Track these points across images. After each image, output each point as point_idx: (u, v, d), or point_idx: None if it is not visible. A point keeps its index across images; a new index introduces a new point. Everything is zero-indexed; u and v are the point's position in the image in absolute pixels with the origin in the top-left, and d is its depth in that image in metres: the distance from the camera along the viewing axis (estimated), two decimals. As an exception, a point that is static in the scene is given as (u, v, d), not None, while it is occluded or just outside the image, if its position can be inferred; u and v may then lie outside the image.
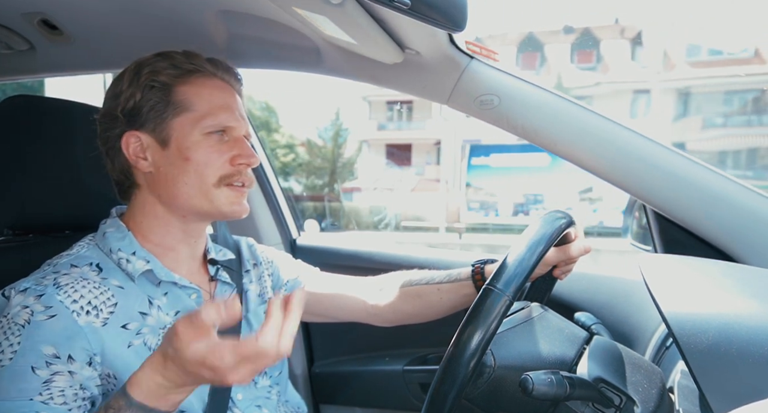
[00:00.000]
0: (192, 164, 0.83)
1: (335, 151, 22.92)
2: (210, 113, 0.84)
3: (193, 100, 0.84)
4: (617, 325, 1.14)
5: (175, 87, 0.84)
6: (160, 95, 0.83)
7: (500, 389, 0.71)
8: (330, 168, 22.77)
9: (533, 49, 20.76)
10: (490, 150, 16.55)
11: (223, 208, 0.85)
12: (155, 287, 0.84)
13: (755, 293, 0.60)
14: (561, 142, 0.96)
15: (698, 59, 19.20)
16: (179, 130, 0.83)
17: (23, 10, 1.04)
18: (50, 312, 0.72)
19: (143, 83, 0.83)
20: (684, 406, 0.64)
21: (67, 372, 0.71)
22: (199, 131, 0.83)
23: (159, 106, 0.83)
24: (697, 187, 0.90)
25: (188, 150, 0.83)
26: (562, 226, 0.77)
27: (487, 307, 0.65)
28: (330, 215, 15.93)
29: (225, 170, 0.84)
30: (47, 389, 0.69)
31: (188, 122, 0.83)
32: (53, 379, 0.70)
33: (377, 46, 0.88)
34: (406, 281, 1.06)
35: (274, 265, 1.09)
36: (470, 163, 16.17)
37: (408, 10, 0.62)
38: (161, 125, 0.83)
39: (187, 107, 0.84)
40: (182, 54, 0.87)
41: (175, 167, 0.83)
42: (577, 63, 20.66)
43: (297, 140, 23.15)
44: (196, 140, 0.83)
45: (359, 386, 1.49)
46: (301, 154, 22.55)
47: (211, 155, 0.83)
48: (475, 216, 15.90)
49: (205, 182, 0.83)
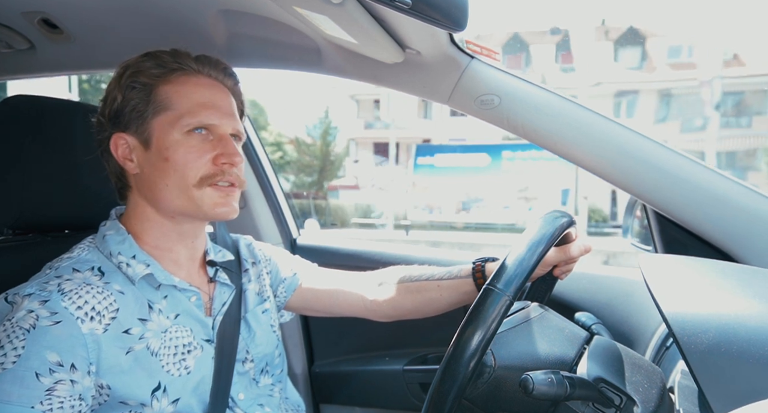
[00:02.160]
0: (171, 164, 0.81)
1: (323, 149, 23.19)
2: (190, 111, 0.82)
3: (173, 98, 0.82)
4: (617, 325, 1.14)
5: (156, 87, 0.83)
6: (141, 96, 0.82)
7: (500, 389, 0.71)
8: (319, 166, 23.04)
9: (519, 50, 21.09)
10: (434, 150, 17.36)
11: (207, 209, 0.83)
12: (155, 290, 0.83)
13: (755, 293, 0.60)
14: (561, 142, 0.96)
15: (679, 61, 19.46)
16: (159, 129, 0.82)
17: (23, 9, 1.04)
18: (55, 318, 0.71)
19: (124, 84, 0.83)
20: (684, 406, 0.64)
21: (69, 381, 0.70)
22: (179, 130, 0.81)
23: (140, 106, 0.82)
24: (698, 187, 0.90)
25: (167, 150, 0.81)
26: (563, 225, 0.77)
27: (488, 307, 0.65)
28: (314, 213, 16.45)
29: (206, 170, 0.82)
30: (48, 398, 0.68)
31: (168, 121, 0.82)
32: (55, 388, 0.69)
33: (378, 46, 0.88)
34: (406, 277, 1.05)
35: (273, 262, 1.09)
36: (416, 162, 16.77)
37: (409, 9, 0.62)
38: (143, 126, 0.82)
39: (167, 106, 0.82)
40: (169, 53, 0.85)
41: (156, 169, 0.82)
42: (561, 63, 21.09)
43: (285, 137, 23.35)
44: (175, 140, 0.81)
45: (359, 386, 1.49)
46: (289, 151, 22.76)
47: (190, 154, 0.81)
48: (420, 214, 16.52)
49: (185, 183, 0.81)
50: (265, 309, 1.01)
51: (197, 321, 0.86)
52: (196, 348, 0.84)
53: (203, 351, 0.85)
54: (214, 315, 0.90)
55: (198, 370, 0.83)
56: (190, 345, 0.84)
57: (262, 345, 0.97)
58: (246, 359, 0.93)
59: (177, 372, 0.81)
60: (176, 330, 0.83)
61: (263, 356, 0.97)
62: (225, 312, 0.91)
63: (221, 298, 0.92)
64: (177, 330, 0.83)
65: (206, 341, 0.86)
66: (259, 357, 0.95)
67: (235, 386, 0.89)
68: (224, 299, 0.92)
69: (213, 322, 0.88)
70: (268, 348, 0.98)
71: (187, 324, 0.85)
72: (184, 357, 0.82)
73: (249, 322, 0.96)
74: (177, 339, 0.82)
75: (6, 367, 0.68)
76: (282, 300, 1.09)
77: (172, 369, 0.80)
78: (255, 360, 0.95)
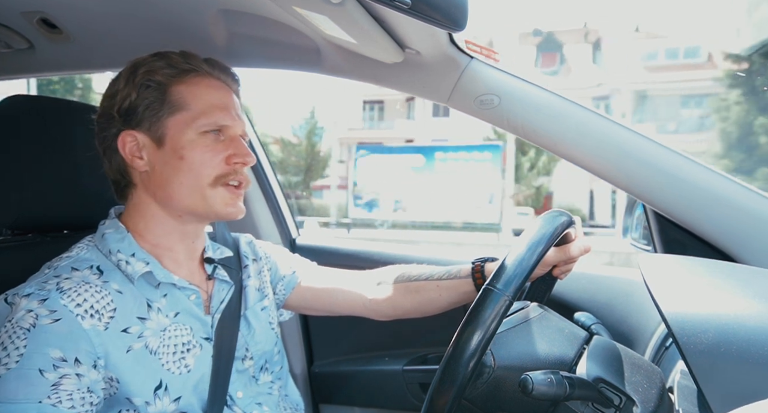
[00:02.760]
0: (187, 163, 0.83)
1: (309, 149, 23.56)
2: (205, 112, 0.84)
3: (188, 99, 0.84)
4: (617, 325, 1.14)
5: (170, 86, 0.84)
6: (156, 94, 0.83)
7: (500, 389, 0.71)
8: (305, 166, 23.37)
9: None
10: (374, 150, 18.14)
11: (218, 209, 0.85)
12: (154, 289, 0.84)
13: (755, 294, 0.60)
14: (561, 142, 0.96)
15: (655, 64, 19.64)
16: (174, 129, 0.83)
17: (23, 9, 1.04)
18: (54, 315, 0.72)
19: (139, 83, 0.83)
20: (684, 406, 0.64)
21: (75, 374, 0.71)
22: (194, 130, 0.83)
23: (155, 105, 0.83)
24: (697, 187, 0.90)
25: (183, 149, 0.83)
26: (563, 224, 0.77)
27: (487, 307, 0.65)
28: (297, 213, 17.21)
29: (220, 170, 0.84)
30: (55, 392, 0.69)
31: (183, 121, 0.83)
32: (61, 382, 0.69)
33: (377, 46, 0.88)
34: (405, 277, 1.06)
35: (273, 259, 1.10)
36: (356, 162, 17.49)
37: (408, 9, 0.62)
38: (156, 124, 0.83)
39: (182, 106, 0.83)
40: (179, 54, 0.87)
41: (170, 167, 0.83)
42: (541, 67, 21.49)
43: (270, 137, 23.56)
44: (191, 140, 0.83)
45: (359, 386, 1.49)
46: (274, 151, 23.03)
47: (206, 154, 0.83)
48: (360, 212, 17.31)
49: (200, 182, 0.83)
50: (264, 306, 1.01)
51: (197, 320, 0.86)
52: (196, 346, 0.84)
53: (202, 350, 0.85)
54: (212, 312, 0.90)
55: (198, 368, 0.84)
56: (189, 343, 0.84)
57: (262, 342, 0.97)
58: (245, 356, 0.93)
59: (177, 370, 0.81)
60: (175, 328, 0.83)
61: (263, 353, 0.97)
62: (223, 309, 0.91)
63: (219, 295, 0.92)
64: (176, 329, 0.83)
65: (205, 339, 0.86)
66: (258, 354, 0.96)
67: (234, 384, 0.89)
68: (222, 296, 0.92)
69: (212, 320, 0.89)
70: (267, 345, 0.98)
71: (186, 323, 0.85)
72: (183, 355, 0.83)
73: (249, 319, 0.96)
74: (176, 337, 0.83)
75: (10, 367, 0.69)
76: (281, 298, 1.10)
77: (172, 368, 0.81)
78: (254, 357, 0.95)
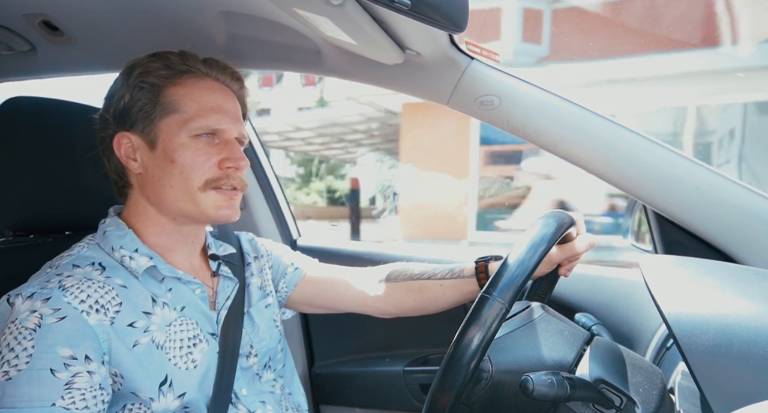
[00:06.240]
0: (177, 166, 0.82)
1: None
2: (198, 115, 0.83)
3: (182, 101, 0.83)
4: (618, 326, 1.14)
5: (165, 88, 0.83)
6: (149, 96, 0.82)
7: (499, 394, 0.71)
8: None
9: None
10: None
11: (210, 212, 0.84)
12: (159, 283, 0.84)
13: (755, 294, 0.60)
14: (561, 143, 0.96)
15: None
16: (166, 131, 0.82)
17: (24, 11, 1.04)
18: (59, 314, 0.71)
19: (132, 84, 0.83)
20: (685, 407, 0.64)
21: (87, 372, 0.70)
22: (186, 132, 0.82)
23: (147, 107, 0.82)
24: (697, 187, 0.90)
25: (174, 152, 0.82)
26: (563, 225, 0.77)
27: (484, 315, 0.64)
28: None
29: (212, 174, 0.83)
30: (68, 392, 0.68)
31: (175, 123, 0.82)
32: (74, 381, 0.69)
33: (377, 47, 0.88)
34: (408, 275, 1.05)
35: (274, 256, 1.10)
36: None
37: (408, 10, 0.62)
38: (149, 126, 0.83)
39: (175, 108, 0.83)
40: (177, 55, 0.86)
41: (161, 169, 0.82)
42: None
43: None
44: (182, 142, 0.82)
45: (359, 386, 1.49)
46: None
47: (197, 157, 0.82)
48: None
49: (190, 186, 0.82)
50: (268, 304, 1.01)
51: (203, 314, 0.86)
52: (202, 341, 0.85)
53: (209, 345, 0.85)
54: (218, 309, 0.90)
55: (203, 364, 0.83)
56: (196, 338, 0.84)
57: (266, 339, 0.97)
58: (250, 353, 0.93)
59: (184, 364, 0.81)
60: (181, 322, 0.83)
61: (267, 351, 0.97)
62: (229, 306, 0.91)
63: (225, 292, 0.92)
64: (182, 323, 0.83)
65: (211, 335, 0.87)
66: (262, 351, 0.96)
67: (239, 381, 0.89)
68: (228, 293, 0.93)
69: (217, 316, 0.89)
70: (271, 342, 0.98)
71: (192, 317, 0.85)
72: (190, 350, 0.82)
73: (252, 317, 0.96)
74: (183, 332, 0.82)
75: (20, 369, 0.68)
76: (284, 295, 1.10)
77: (179, 362, 0.81)
78: (259, 354, 0.95)
